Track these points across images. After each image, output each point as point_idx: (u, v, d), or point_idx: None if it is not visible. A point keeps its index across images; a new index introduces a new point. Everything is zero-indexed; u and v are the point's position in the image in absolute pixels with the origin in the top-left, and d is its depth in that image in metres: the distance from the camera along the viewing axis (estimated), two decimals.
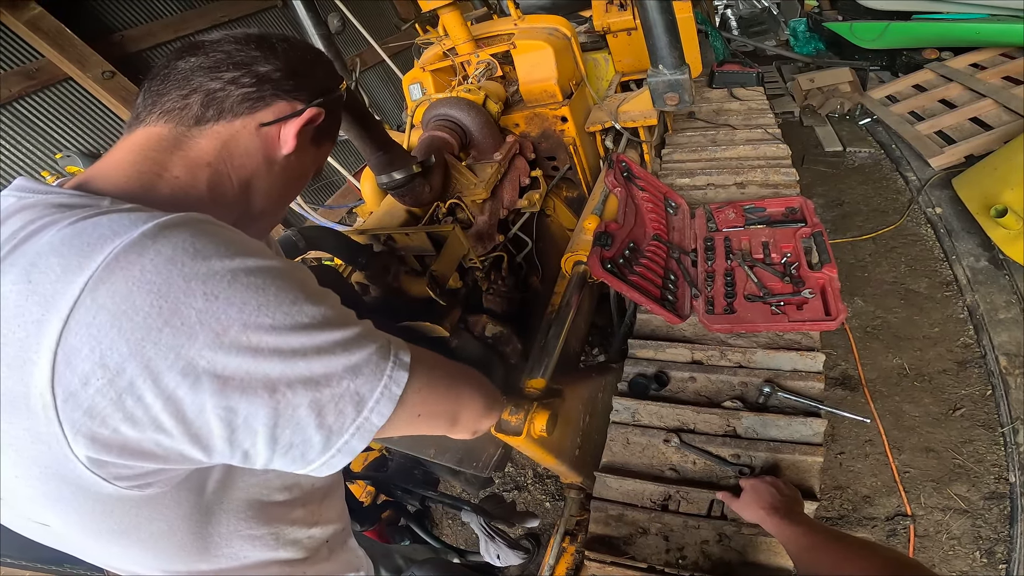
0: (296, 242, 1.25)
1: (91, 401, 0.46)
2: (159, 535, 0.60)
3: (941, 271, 2.86)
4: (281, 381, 0.52)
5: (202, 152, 0.65)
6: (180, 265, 0.48)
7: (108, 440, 0.48)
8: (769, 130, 2.18)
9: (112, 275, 0.46)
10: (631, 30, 2.28)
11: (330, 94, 0.77)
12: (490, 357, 1.37)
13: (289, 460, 0.57)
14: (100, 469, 0.50)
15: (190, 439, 0.51)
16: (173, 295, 0.47)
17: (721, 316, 1.45)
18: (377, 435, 0.61)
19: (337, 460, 0.59)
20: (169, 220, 0.51)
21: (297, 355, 0.53)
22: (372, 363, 0.59)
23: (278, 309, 0.52)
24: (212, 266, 0.49)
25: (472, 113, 1.66)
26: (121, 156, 0.63)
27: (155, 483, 0.55)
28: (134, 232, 0.48)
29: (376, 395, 0.59)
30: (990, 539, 1.88)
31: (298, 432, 0.55)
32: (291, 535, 0.73)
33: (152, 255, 0.47)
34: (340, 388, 0.56)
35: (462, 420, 0.79)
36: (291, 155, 0.72)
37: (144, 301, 0.46)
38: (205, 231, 0.52)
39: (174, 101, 0.65)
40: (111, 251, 0.47)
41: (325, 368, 0.55)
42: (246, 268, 0.51)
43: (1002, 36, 3.55)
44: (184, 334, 0.47)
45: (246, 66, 0.67)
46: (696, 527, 1.19)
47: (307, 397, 0.54)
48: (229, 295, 0.49)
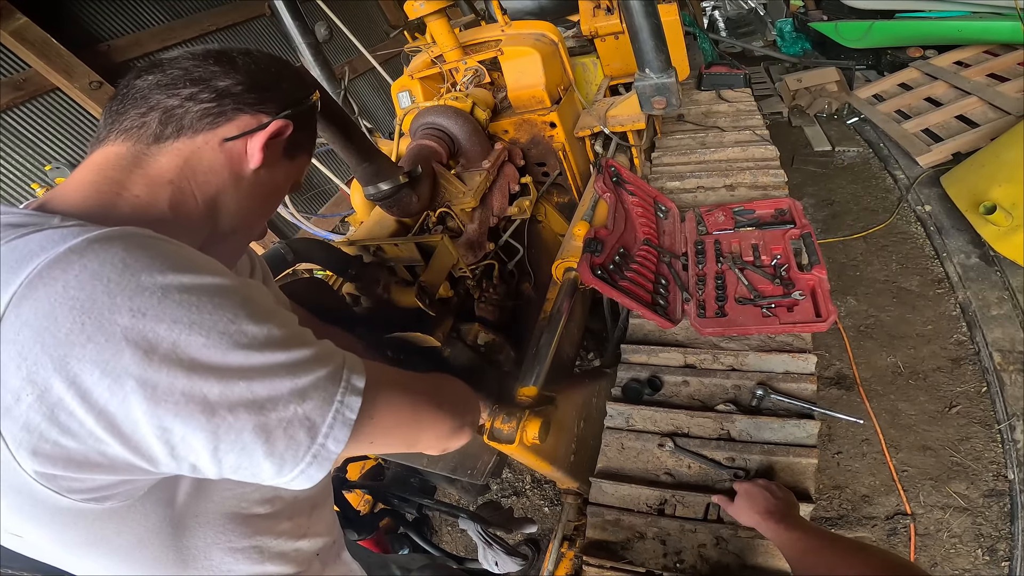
0: (285, 255, 1.25)
1: (25, 417, 0.46)
2: (130, 547, 0.59)
3: (932, 268, 2.87)
4: (220, 404, 0.50)
5: (162, 170, 0.64)
6: (106, 281, 0.47)
7: (51, 453, 0.47)
8: (757, 131, 2.18)
9: (35, 291, 0.46)
10: (618, 34, 2.30)
11: (299, 105, 0.75)
12: (482, 366, 1.36)
13: (241, 478, 0.56)
14: (50, 483, 0.49)
15: (131, 451, 0.49)
16: (96, 311, 0.46)
17: (712, 320, 1.45)
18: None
19: (297, 483, 0.58)
20: (101, 234, 0.49)
21: (235, 375, 0.51)
22: (321, 387, 0.57)
23: (213, 328, 0.50)
24: (141, 281, 0.48)
25: (460, 121, 1.65)
26: (81, 176, 0.62)
27: (113, 496, 0.54)
28: (60, 247, 0.47)
29: (328, 420, 0.57)
30: (991, 536, 1.88)
31: (244, 456, 0.53)
32: (277, 548, 0.72)
33: (77, 270, 0.46)
34: (287, 412, 0.54)
35: (423, 441, 0.77)
36: (260, 169, 0.71)
37: (66, 317, 0.45)
38: (140, 244, 0.50)
39: (132, 120, 0.64)
40: (35, 266, 0.46)
41: (268, 391, 0.53)
42: (180, 285, 0.50)
43: (984, 34, 3.59)
44: (109, 351, 0.46)
45: (204, 81, 0.66)
46: (693, 531, 1.19)
47: (251, 421, 0.52)
48: (158, 312, 0.48)
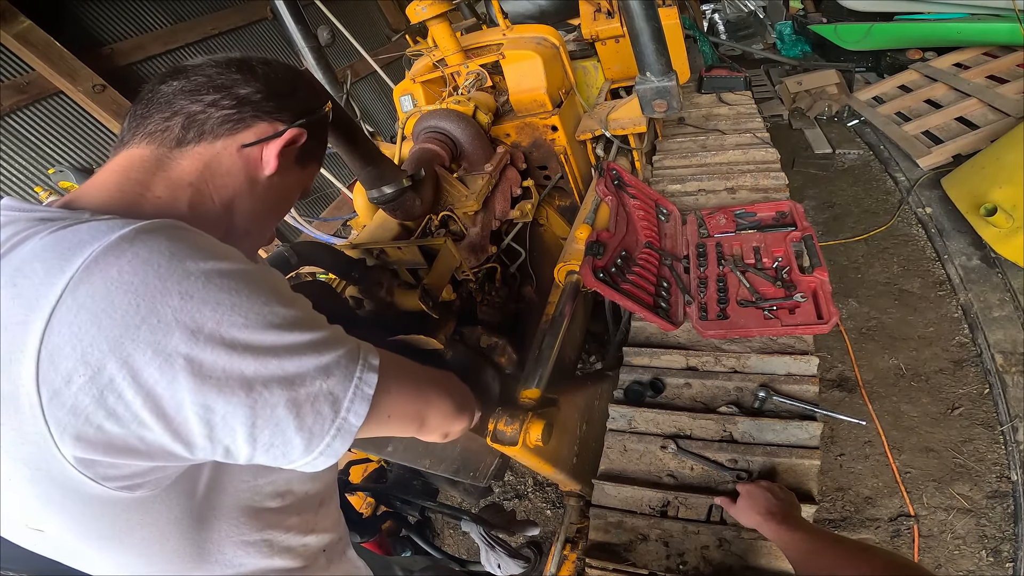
0: (289, 258, 1.25)
1: (74, 399, 0.48)
2: (151, 540, 0.60)
3: (934, 271, 2.87)
4: (256, 379, 0.54)
5: (183, 172, 0.66)
6: (156, 266, 0.50)
7: (93, 438, 0.49)
8: (758, 134, 2.19)
9: (92, 276, 0.48)
10: (619, 37, 2.30)
11: (313, 114, 0.78)
12: (484, 368, 1.36)
13: (271, 458, 0.58)
14: (88, 469, 0.51)
15: (171, 435, 0.52)
16: (150, 294, 0.49)
17: (714, 322, 1.45)
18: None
19: (320, 462, 0.61)
20: (146, 225, 0.53)
21: (269, 353, 0.55)
22: (342, 364, 0.61)
23: (250, 309, 0.54)
24: (187, 267, 0.51)
25: (462, 125, 1.66)
26: (105, 177, 0.65)
27: (144, 484, 0.56)
28: (112, 236, 0.50)
29: (350, 395, 0.61)
30: (995, 538, 1.87)
31: (278, 432, 0.56)
32: (285, 542, 0.74)
33: (130, 257, 0.49)
34: (314, 388, 0.58)
35: (430, 422, 0.79)
36: (274, 175, 0.73)
37: (122, 300, 0.48)
38: (180, 236, 0.54)
39: (156, 124, 0.67)
40: (90, 254, 0.49)
41: (297, 367, 0.56)
42: (219, 270, 0.53)
43: (983, 35, 3.59)
44: (161, 331, 0.49)
45: (226, 89, 0.69)
46: (696, 532, 1.19)
47: (283, 396, 0.55)
48: (203, 295, 0.51)
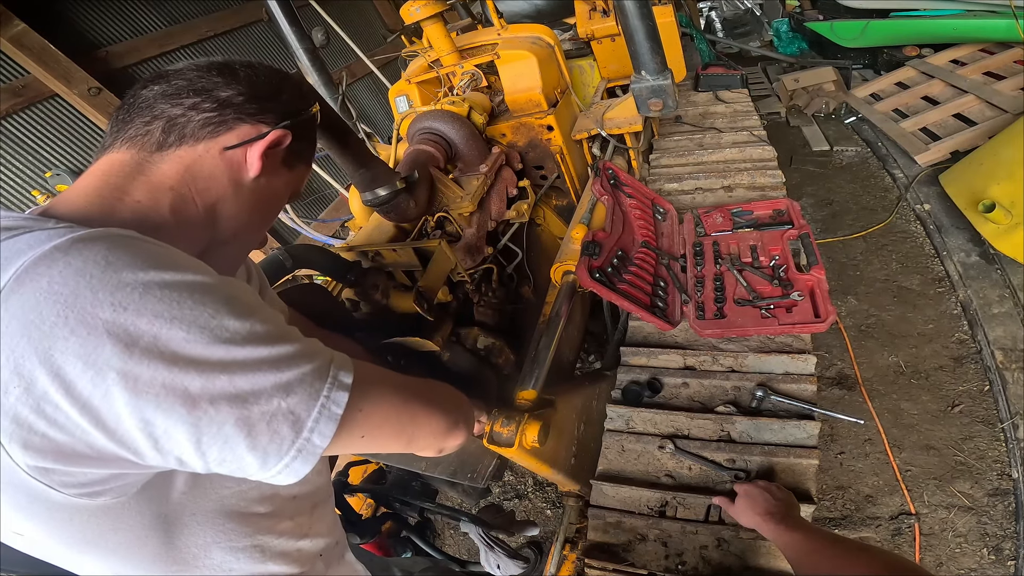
0: (283, 261, 1.25)
1: (14, 409, 0.47)
2: (129, 544, 0.59)
3: (932, 267, 2.87)
4: (202, 396, 0.51)
5: (164, 176, 0.66)
6: (88, 276, 0.48)
7: (40, 445, 0.48)
8: (755, 132, 2.19)
9: (22, 287, 0.47)
10: (615, 36, 2.30)
11: (298, 116, 0.77)
12: (482, 369, 1.36)
13: (227, 471, 0.56)
14: (45, 477, 0.50)
15: (116, 443, 0.50)
16: (79, 305, 0.47)
17: (712, 321, 1.45)
18: (323, 454, 0.60)
19: (281, 478, 0.58)
20: (85, 234, 0.51)
21: (216, 369, 0.52)
22: (307, 382, 0.58)
23: (194, 323, 0.52)
24: (123, 278, 0.50)
25: (456, 125, 1.66)
26: (85, 183, 0.64)
27: (105, 492, 0.55)
28: (46, 245, 0.49)
29: (314, 415, 0.58)
30: (997, 536, 1.87)
31: (227, 449, 0.54)
32: (278, 547, 0.73)
33: (61, 267, 0.48)
34: (270, 406, 0.55)
35: (419, 439, 0.77)
36: (260, 178, 0.72)
37: (51, 311, 0.47)
38: (122, 244, 0.52)
39: (137, 128, 0.66)
40: (22, 264, 0.48)
41: (251, 384, 0.54)
42: (161, 281, 0.51)
43: (979, 32, 3.59)
44: (91, 343, 0.47)
45: (207, 92, 0.68)
46: (694, 532, 1.19)
47: (232, 414, 0.53)
48: (139, 307, 0.49)
